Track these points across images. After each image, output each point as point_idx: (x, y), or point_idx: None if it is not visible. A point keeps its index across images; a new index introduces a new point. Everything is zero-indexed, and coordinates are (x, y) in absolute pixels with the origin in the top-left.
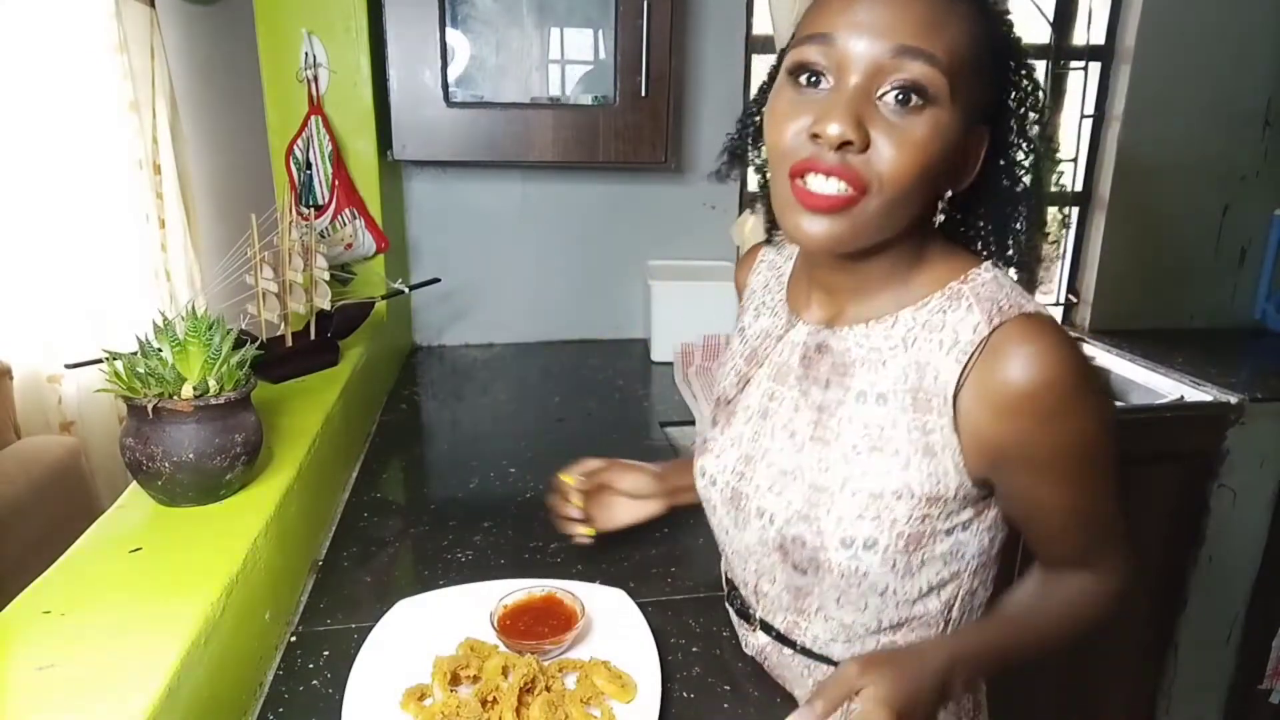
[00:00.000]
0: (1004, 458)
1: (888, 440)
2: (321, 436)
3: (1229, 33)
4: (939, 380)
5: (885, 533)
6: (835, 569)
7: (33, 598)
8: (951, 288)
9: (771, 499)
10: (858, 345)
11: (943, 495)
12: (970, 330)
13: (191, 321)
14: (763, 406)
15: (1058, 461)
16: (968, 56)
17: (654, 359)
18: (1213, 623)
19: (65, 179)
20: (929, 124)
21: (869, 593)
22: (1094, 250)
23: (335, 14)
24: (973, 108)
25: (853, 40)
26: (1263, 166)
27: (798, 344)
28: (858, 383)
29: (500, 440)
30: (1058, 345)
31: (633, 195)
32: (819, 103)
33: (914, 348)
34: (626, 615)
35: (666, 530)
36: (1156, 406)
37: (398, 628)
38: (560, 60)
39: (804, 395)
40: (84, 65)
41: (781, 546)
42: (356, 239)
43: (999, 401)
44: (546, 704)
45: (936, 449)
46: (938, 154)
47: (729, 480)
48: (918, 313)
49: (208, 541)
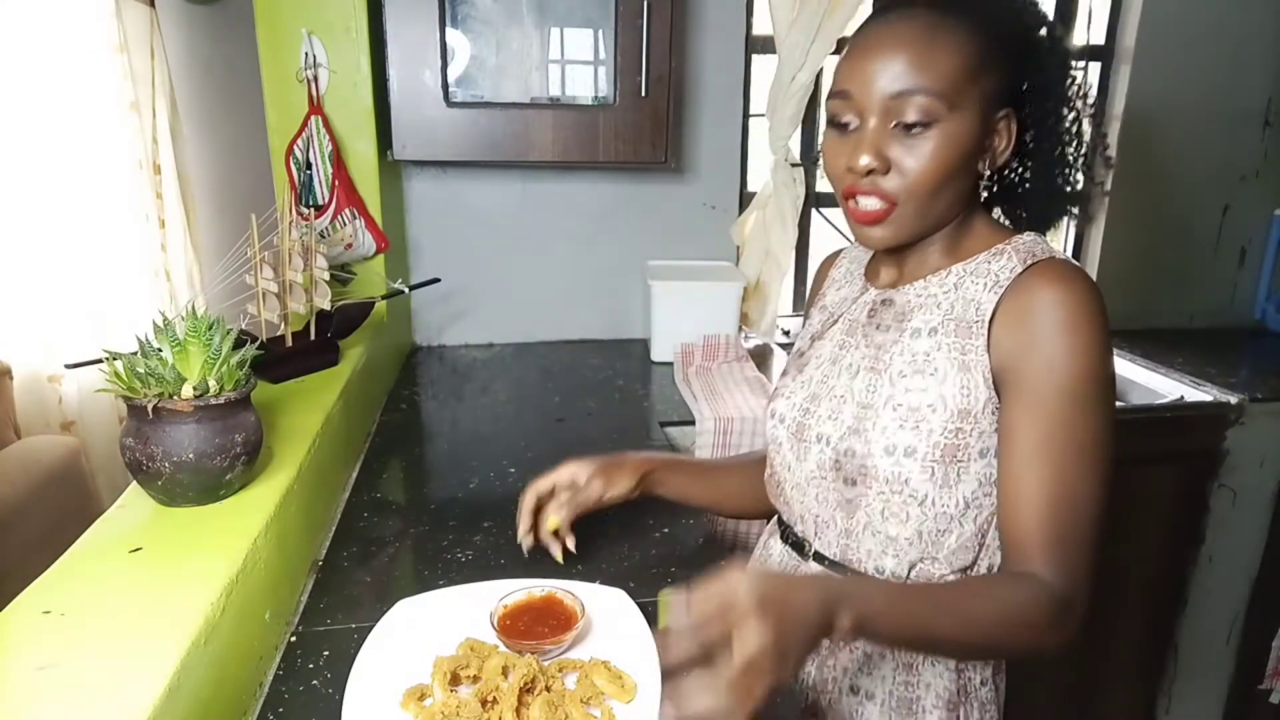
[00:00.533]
0: (1007, 371)
1: (930, 362)
2: (321, 436)
3: (1229, 33)
4: (979, 310)
5: (923, 441)
6: (881, 475)
7: (33, 598)
8: (997, 247)
9: (829, 424)
10: (917, 296)
11: (972, 409)
12: (1008, 272)
13: (191, 321)
14: (833, 355)
15: (1043, 380)
16: (964, 68)
17: (654, 359)
18: (1213, 623)
19: (65, 179)
20: (935, 139)
21: (910, 502)
22: (1094, 250)
23: (335, 14)
24: (986, 102)
25: (863, 93)
26: (1263, 166)
27: (867, 303)
28: (913, 323)
29: (500, 440)
30: (1078, 280)
31: (633, 195)
32: (851, 141)
33: (961, 289)
34: (626, 615)
35: (667, 530)
36: (1156, 406)
37: (397, 627)
38: (560, 60)
39: (866, 339)
40: (84, 65)
41: (836, 463)
42: (356, 239)
43: (1015, 314)
44: (546, 704)
45: (971, 366)
46: (951, 158)
47: (796, 416)
48: (968, 264)
49: (208, 541)
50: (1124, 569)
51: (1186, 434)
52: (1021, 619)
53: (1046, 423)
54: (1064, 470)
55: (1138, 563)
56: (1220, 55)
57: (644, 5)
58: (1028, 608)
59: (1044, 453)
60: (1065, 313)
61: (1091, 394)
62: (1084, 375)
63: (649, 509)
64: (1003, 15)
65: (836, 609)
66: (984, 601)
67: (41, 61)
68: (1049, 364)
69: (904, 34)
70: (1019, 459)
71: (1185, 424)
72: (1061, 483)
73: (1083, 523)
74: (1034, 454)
